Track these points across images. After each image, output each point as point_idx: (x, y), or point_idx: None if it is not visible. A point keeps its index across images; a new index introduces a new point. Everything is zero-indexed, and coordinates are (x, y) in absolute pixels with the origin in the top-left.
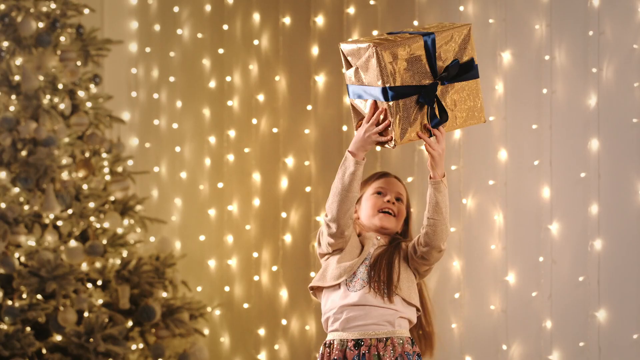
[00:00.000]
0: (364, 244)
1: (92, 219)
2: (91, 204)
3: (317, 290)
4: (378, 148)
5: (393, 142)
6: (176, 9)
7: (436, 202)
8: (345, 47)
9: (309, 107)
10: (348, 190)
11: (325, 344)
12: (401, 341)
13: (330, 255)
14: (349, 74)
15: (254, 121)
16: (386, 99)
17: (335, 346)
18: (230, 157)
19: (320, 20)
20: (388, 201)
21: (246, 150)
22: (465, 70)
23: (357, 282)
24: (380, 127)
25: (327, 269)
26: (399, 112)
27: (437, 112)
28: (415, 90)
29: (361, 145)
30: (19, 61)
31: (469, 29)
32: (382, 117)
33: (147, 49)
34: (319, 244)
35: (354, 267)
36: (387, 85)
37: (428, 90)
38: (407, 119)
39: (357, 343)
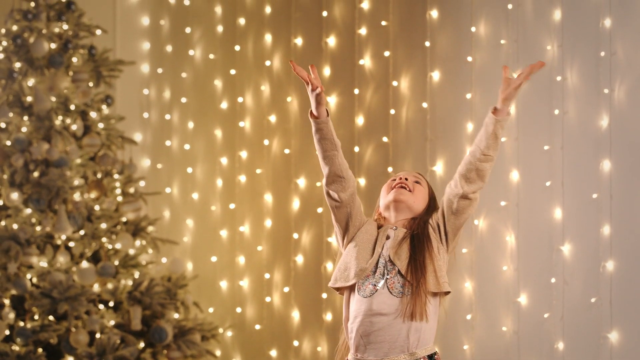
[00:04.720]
0: (378, 234)
1: (104, 240)
2: (103, 225)
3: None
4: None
5: None
6: (188, 30)
7: (496, 137)
8: None
9: None
10: (321, 148)
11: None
12: None
13: (346, 237)
14: None
15: (266, 142)
16: None
17: None
18: (242, 178)
19: (332, 41)
20: (401, 179)
21: (258, 171)
22: None
23: (367, 286)
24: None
25: (344, 263)
26: None
27: None
28: None
29: (313, 102)
30: (31, 82)
31: None
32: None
33: (159, 70)
34: (334, 217)
35: (367, 269)
36: None
37: None
38: None
39: None
